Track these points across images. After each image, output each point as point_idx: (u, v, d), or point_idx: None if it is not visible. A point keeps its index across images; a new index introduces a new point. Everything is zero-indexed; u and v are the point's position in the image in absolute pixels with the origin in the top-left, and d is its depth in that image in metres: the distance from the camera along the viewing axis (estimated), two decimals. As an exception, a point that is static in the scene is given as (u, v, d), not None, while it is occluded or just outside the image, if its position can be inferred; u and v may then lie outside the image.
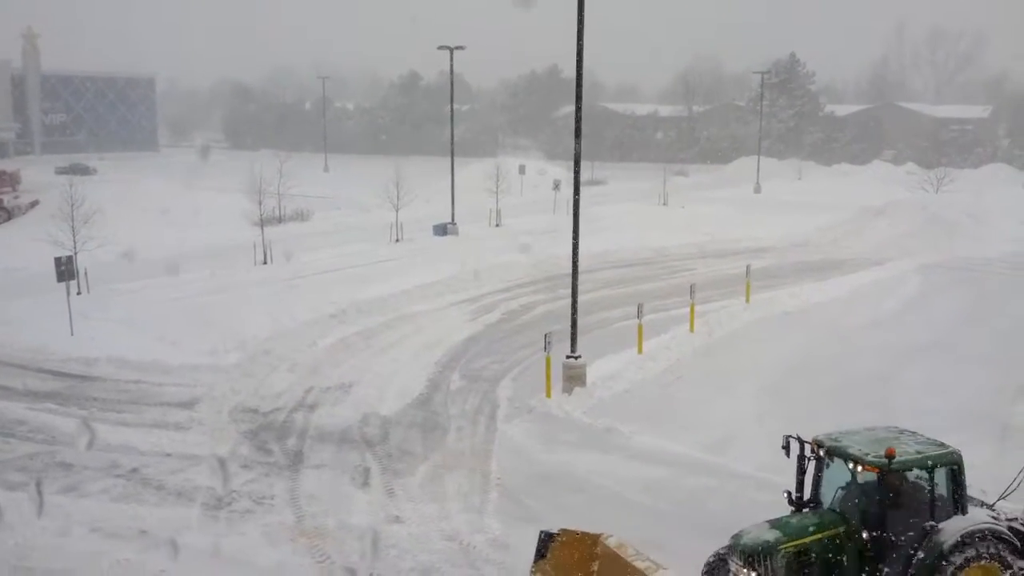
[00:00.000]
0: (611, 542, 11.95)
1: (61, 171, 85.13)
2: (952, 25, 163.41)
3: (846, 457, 11.95)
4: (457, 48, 50.37)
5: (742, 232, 50.05)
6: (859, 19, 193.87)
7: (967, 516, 12.03)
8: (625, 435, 19.33)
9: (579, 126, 22.15)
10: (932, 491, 11.94)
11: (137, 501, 16.37)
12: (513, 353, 26.51)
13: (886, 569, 11.73)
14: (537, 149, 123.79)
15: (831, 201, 63.43)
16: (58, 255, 27.03)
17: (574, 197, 22.81)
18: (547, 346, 21.61)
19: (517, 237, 45.50)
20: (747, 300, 31.73)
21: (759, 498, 16.23)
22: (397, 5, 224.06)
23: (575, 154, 22.44)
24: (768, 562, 11.55)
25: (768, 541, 11.67)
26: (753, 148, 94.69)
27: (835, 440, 12.29)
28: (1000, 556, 11.75)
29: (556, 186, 62.06)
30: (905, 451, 11.92)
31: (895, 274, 38.44)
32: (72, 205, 32.05)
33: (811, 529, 11.89)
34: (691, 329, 27.60)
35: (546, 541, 12.50)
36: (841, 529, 11.89)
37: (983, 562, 11.62)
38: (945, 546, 11.58)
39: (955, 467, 12.09)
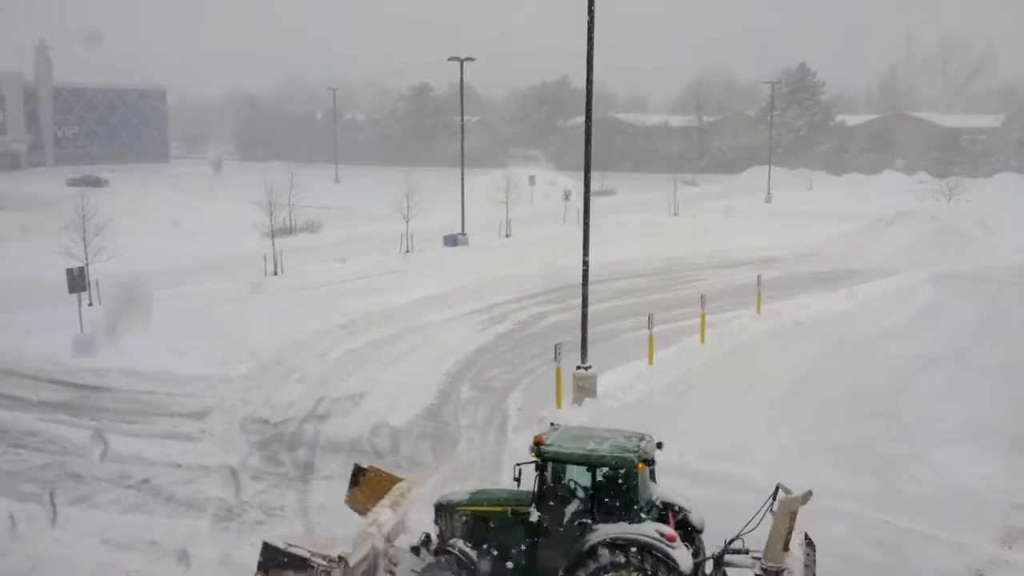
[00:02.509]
0: (402, 485, 14.25)
1: (73, 183, 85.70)
2: (963, 34, 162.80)
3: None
4: (467, 59, 50.59)
5: (753, 242, 49.96)
6: (869, 29, 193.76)
7: (628, 525, 11.85)
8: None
9: (589, 137, 22.16)
10: (594, 490, 12.14)
11: (148, 512, 16.40)
12: (523, 364, 26.49)
13: (544, 553, 12.20)
14: (547, 159, 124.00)
15: (842, 211, 63.34)
16: (70, 266, 27.13)
17: (584, 207, 22.81)
18: (557, 356, 21.57)
19: (527, 247, 45.56)
20: (758, 311, 31.65)
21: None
22: (407, 16, 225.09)
23: (585, 164, 22.43)
24: (448, 518, 12.94)
25: (451, 501, 13.09)
26: (764, 158, 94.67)
27: (554, 428, 13.24)
28: (644, 569, 11.45)
29: (566, 196, 62.16)
30: (575, 446, 12.27)
31: (906, 284, 38.28)
32: (84, 216, 32.17)
33: (494, 501, 12.82)
34: (702, 340, 27.53)
35: (357, 474, 14.55)
36: (520, 508, 12.46)
37: (628, 572, 11.49)
38: (586, 546, 11.74)
39: (623, 473, 12.01)
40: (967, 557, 14.54)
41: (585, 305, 22.88)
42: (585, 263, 22.81)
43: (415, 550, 13.16)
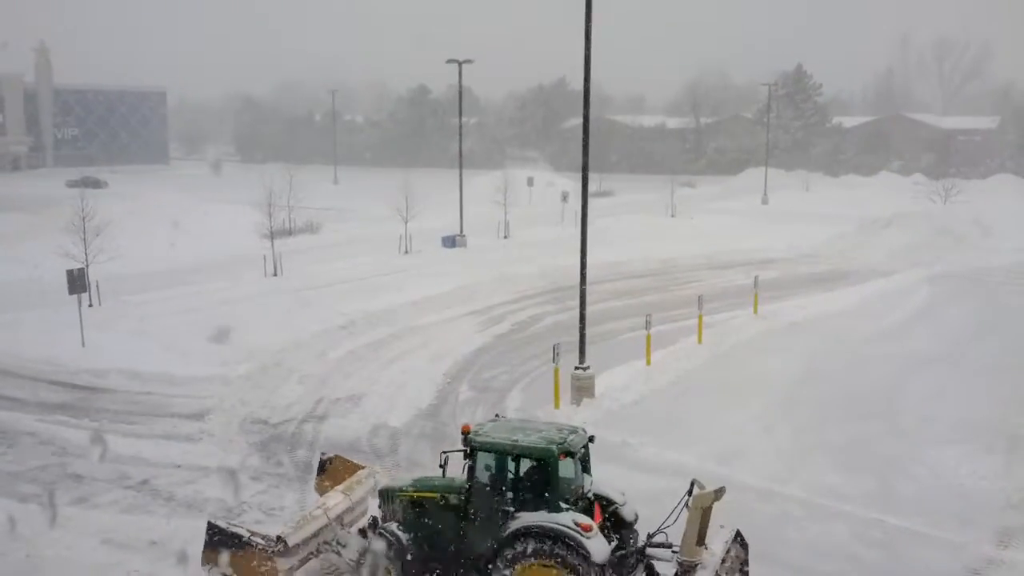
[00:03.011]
0: (361, 473, 15.14)
1: (72, 184, 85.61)
2: (958, 36, 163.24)
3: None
4: (465, 62, 50.66)
5: (750, 243, 50.05)
6: (865, 31, 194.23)
7: (547, 514, 12.12)
8: (633, 446, 19.35)
9: (587, 138, 22.25)
10: (516, 479, 12.52)
11: (147, 512, 16.45)
12: (522, 364, 26.56)
13: (471, 539, 12.69)
14: (545, 161, 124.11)
15: (838, 212, 63.43)
16: (70, 267, 27.18)
17: (582, 209, 22.88)
18: (555, 357, 21.64)
19: (525, 248, 45.63)
20: (755, 311, 31.74)
21: (767, 509, 16.29)
22: (406, 19, 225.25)
23: (583, 166, 22.52)
24: (390, 502, 13.52)
25: (392, 486, 13.70)
26: (760, 160, 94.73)
27: (495, 419, 13.81)
28: (557, 557, 11.78)
29: (564, 198, 62.26)
30: (502, 437, 12.67)
31: (903, 285, 38.40)
32: (83, 218, 32.24)
33: (428, 488, 13.29)
34: (699, 340, 27.62)
35: (325, 463, 15.64)
36: (450, 494, 13.02)
37: (542, 559, 11.84)
38: (506, 533, 12.15)
39: (543, 463, 12.29)
40: (963, 556, 14.65)
41: (583, 306, 22.95)
42: (583, 264, 22.88)
43: (362, 532, 13.74)
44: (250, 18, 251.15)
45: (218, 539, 12.99)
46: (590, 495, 12.81)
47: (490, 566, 12.28)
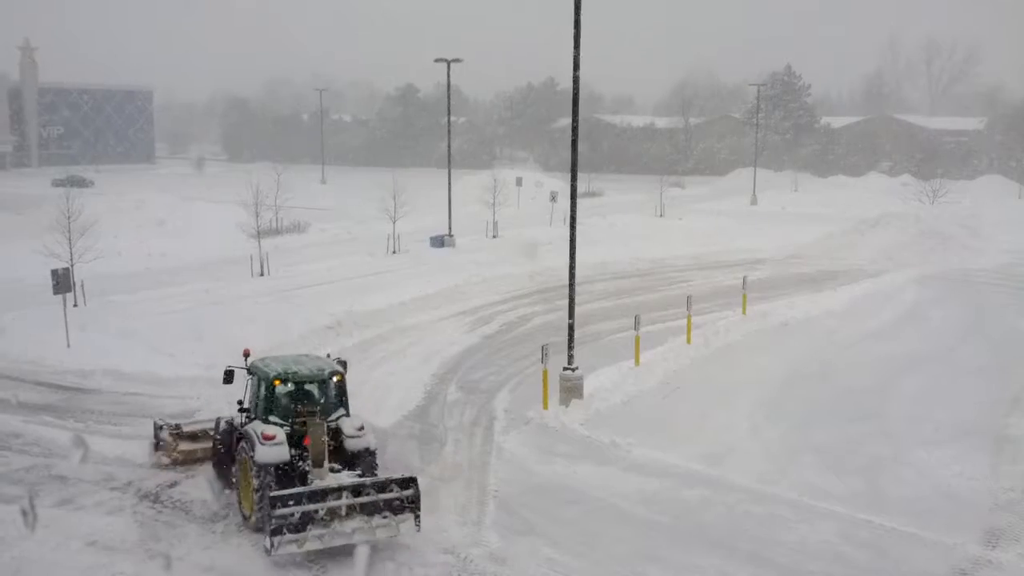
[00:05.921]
0: None
1: (58, 183, 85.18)
2: (946, 37, 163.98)
3: None
4: (454, 61, 50.53)
5: (738, 244, 50.11)
6: (854, 32, 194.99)
7: (256, 422, 15.87)
8: (622, 447, 19.32)
9: (575, 139, 22.20)
10: (255, 395, 16.41)
11: (133, 514, 16.31)
12: (510, 365, 26.49)
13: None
14: (534, 161, 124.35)
15: (827, 213, 63.62)
16: (54, 267, 26.95)
17: (571, 209, 22.84)
18: (544, 358, 21.58)
19: (514, 249, 45.59)
20: (743, 312, 31.76)
21: (755, 510, 16.29)
22: (394, 17, 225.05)
23: (572, 167, 22.47)
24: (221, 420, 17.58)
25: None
26: (749, 160, 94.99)
27: (327, 357, 17.83)
28: (245, 453, 15.63)
29: (553, 197, 62.22)
30: (264, 362, 16.62)
31: (891, 286, 38.50)
32: (69, 217, 31.99)
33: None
34: (688, 341, 27.63)
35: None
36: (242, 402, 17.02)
37: (239, 454, 15.95)
38: (235, 435, 16.65)
39: (265, 384, 16.03)
40: (951, 557, 14.66)
41: (572, 306, 22.91)
42: (572, 264, 22.85)
43: None
44: (237, 17, 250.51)
45: (154, 431, 18.67)
46: (332, 423, 16.14)
47: None
